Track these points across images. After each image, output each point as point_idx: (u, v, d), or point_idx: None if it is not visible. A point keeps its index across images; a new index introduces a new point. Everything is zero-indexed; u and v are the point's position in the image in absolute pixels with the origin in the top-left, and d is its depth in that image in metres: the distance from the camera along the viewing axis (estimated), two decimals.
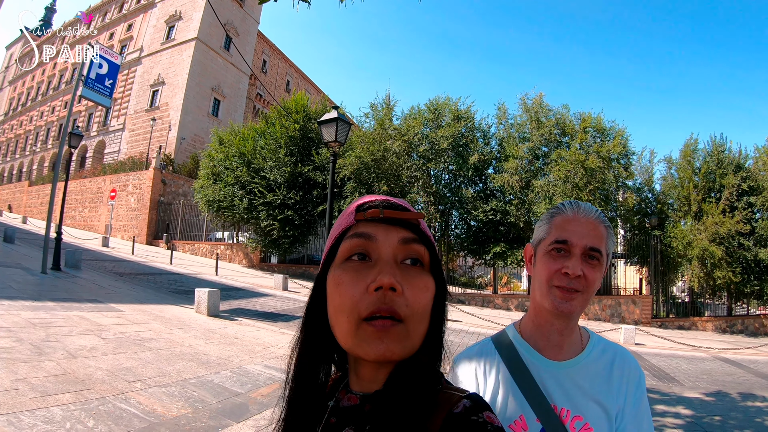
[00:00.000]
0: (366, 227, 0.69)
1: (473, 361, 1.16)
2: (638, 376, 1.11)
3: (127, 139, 42.86)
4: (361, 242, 0.68)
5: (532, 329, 1.16)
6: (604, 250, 1.08)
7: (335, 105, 9.14)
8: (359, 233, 0.69)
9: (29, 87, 58.15)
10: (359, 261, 0.68)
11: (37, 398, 3.96)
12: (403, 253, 0.68)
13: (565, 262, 1.07)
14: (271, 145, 22.27)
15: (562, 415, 1.04)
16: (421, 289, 0.67)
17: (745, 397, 7.10)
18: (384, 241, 0.68)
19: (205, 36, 41.86)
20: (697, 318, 18.41)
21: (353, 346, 0.65)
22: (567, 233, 1.09)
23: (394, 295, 0.63)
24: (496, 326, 12.90)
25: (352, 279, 0.66)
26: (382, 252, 0.67)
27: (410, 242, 0.69)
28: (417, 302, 0.65)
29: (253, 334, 8.52)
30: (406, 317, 0.64)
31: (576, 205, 1.12)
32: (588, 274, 1.06)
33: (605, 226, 1.11)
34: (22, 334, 5.92)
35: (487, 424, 0.60)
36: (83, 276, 12.72)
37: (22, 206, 43.50)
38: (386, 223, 0.69)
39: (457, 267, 28.32)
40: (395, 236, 0.68)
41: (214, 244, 27.39)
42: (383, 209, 0.69)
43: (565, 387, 1.07)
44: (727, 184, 17.84)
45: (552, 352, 1.12)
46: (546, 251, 1.12)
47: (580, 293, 1.06)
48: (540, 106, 19.94)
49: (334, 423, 0.70)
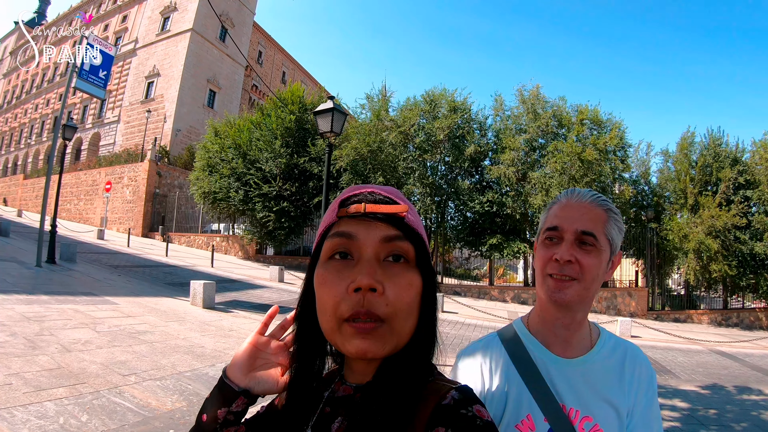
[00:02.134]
0: (348, 225, 0.68)
1: (479, 357, 1.10)
2: (650, 375, 1.07)
3: (123, 131, 42.66)
4: (342, 241, 0.67)
5: (539, 324, 1.11)
6: (601, 234, 1.03)
7: (331, 96, 9.08)
8: (340, 232, 0.68)
9: (24, 79, 57.70)
10: (341, 260, 0.68)
11: (30, 393, 3.93)
12: (385, 251, 0.67)
13: (556, 248, 1.04)
14: (267, 136, 22.20)
15: (571, 415, 0.99)
16: (404, 287, 0.66)
17: (741, 390, 7.12)
18: (365, 239, 0.67)
19: (200, 27, 41.56)
20: (693, 311, 18.48)
21: (337, 343, 0.66)
22: (558, 219, 1.06)
23: (373, 295, 0.63)
24: (493, 318, 12.96)
25: (333, 279, 0.66)
26: (363, 251, 0.66)
27: (393, 240, 0.67)
28: (399, 300, 0.65)
29: (248, 326, 8.50)
30: (388, 316, 0.64)
31: (571, 192, 1.09)
32: (581, 259, 1.01)
33: (605, 209, 1.06)
34: (16, 328, 5.88)
35: (476, 417, 0.59)
36: (78, 269, 12.66)
37: (18, 199, 43.26)
38: (370, 217, 0.68)
39: (453, 259, 28.39)
40: (377, 234, 0.67)
41: (209, 236, 27.32)
42: (366, 205, 0.68)
43: (575, 385, 1.03)
44: (723, 177, 17.88)
45: (560, 347, 1.07)
46: (541, 241, 1.09)
47: (575, 281, 1.01)
48: (537, 97, 19.92)
49: (329, 412, 0.71)
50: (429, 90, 20.50)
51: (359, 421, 0.64)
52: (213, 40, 43.39)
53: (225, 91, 45.09)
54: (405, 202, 0.72)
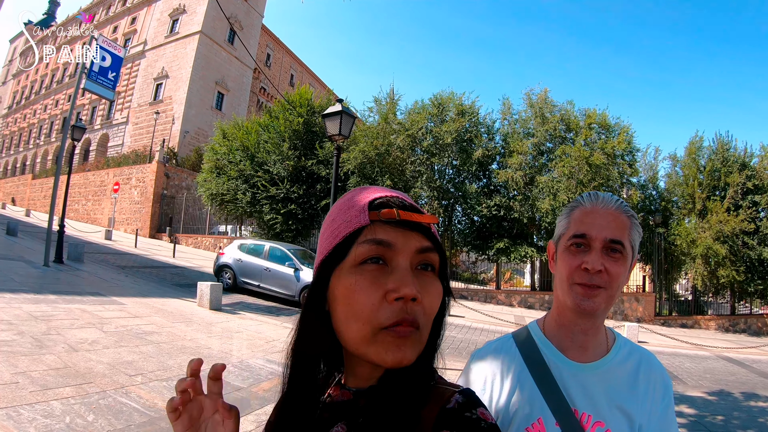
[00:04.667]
0: (383, 232, 0.65)
1: (492, 359, 1.10)
2: (665, 384, 1.06)
3: (131, 132, 42.92)
4: (379, 249, 0.65)
5: (556, 328, 1.11)
6: (627, 242, 1.02)
7: (339, 99, 9.09)
8: (377, 240, 0.65)
9: (33, 80, 58.26)
10: (375, 266, 0.65)
11: (37, 392, 3.94)
12: (417, 261, 0.66)
13: (585, 257, 1.02)
14: (275, 138, 22.20)
15: (583, 420, 0.98)
16: (435, 296, 0.67)
17: (748, 396, 7.07)
18: (402, 249, 0.65)
19: (209, 29, 41.80)
20: (700, 316, 18.36)
21: (367, 352, 0.64)
22: (585, 226, 1.03)
23: (414, 304, 0.63)
24: (499, 322, 12.92)
25: (369, 286, 0.63)
26: (399, 260, 0.65)
27: (426, 251, 0.67)
28: (432, 309, 0.66)
29: (255, 328, 8.52)
30: (423, 324, 0.64)
31: (595, 196, 1.07)
32: (610, 268, 1.00)
33: (628, 216, 1.04)
34: (23, 327, 5.91)
35: (480, 420, 0.61)
36: (85, 269, 12.73)
37: (26, 199, 43.59)
38: (402, 226, 0.66)
39: (460, 262, 28.30)
40: (414, 245, 0.66)
41: (217, 238, 27.35)
42: (398, 211, 0.66)
43: (588, 390, 1.02)
44: (731, 182, 17.78)
45: (576, 353, 1.06)
46: (565, 247, 1.07)
47: (603, 290, 1.01)
48: (545, 101, 19.88)
49: (327, 418, 0.71)
50: (437, 93, 20.48)
51: (362, 427, 0.64)
52: (221, 43, 43.61)
53: (233, 94, 45.28)
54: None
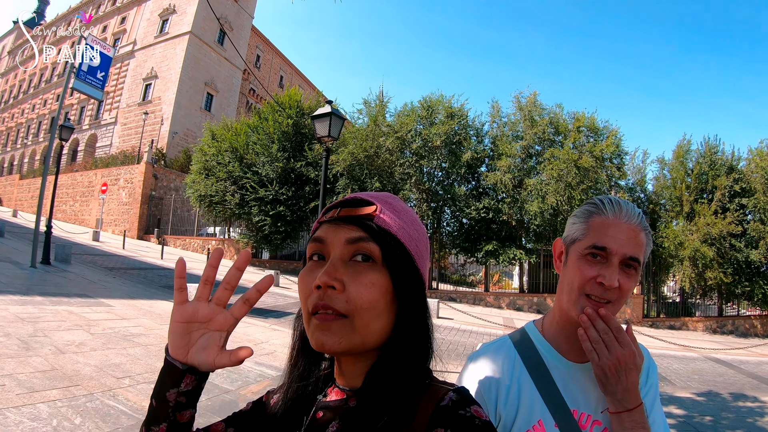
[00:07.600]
0: (322, 230, 0.74)
1: (490, 361, 1.09)
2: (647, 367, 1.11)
3: (119, 132, 42.58)
4: (316, 245, 0.73)
5: (556, 331, 1.10)
6: (642, 259, 1.01)
7: (329, 100, 9.07)
8: (315, 237, 0.74)
9: (21, 79, 57.63)
10: (316, 261, 0.73)
11: (23, 394, 3.89)
12: (350, 252, 0.70)
13: (602, 270, 0.99)
14: (264, 140, 22.16)
15: (582, 419, 0.99)
16: (366, 286, 0.68)
17: (736, 397, 7.13)
18: (332, 242, 0.71)
19: (198, 30, 41.61)
20: (688, 318, 18.55)
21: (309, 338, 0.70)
22: (607, 239, 1.00)
23: (333, 292, 0.67)
24: (488, 324, 12.95)
25: (305, 278, 0.71)
26: (331, 253, 0.71)
27: (357, 241, 0.70)
28: (359, 298, 0.67)
29: (243, 330, 8.46)
30: (349, 312, 0.67)
31: (617, 207, 1.03)
32: (623, 284, 0.98)
33: (646, 233, 1.03)
34: (9, 328, 5.83)
35: (474, 418, 0.62)
36: (73, 270, 12.60)
37: (13, 200, 43.07)
38: (341, 221, 0.72)
39: (449, 265, 28.39)
40: (342, 237, 0.71)
41: (205, 240, 27.23)
42: (340, 210, 0.74)
43: (586, 389, 1.03)
44: (719, 185, 17.97)
45: (575, 354, 1.06)
46: (581, 254, 1.03)
47: (611, 303, 1.00)
48: (534, 104, 20.02)
49: (321, 417, 0.73)
50: (426, 96, 20.59)
51: (354, 426, 0.65)
52: (211, 44, 43.41)
53: (222, 95, 45.08)
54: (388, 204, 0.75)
